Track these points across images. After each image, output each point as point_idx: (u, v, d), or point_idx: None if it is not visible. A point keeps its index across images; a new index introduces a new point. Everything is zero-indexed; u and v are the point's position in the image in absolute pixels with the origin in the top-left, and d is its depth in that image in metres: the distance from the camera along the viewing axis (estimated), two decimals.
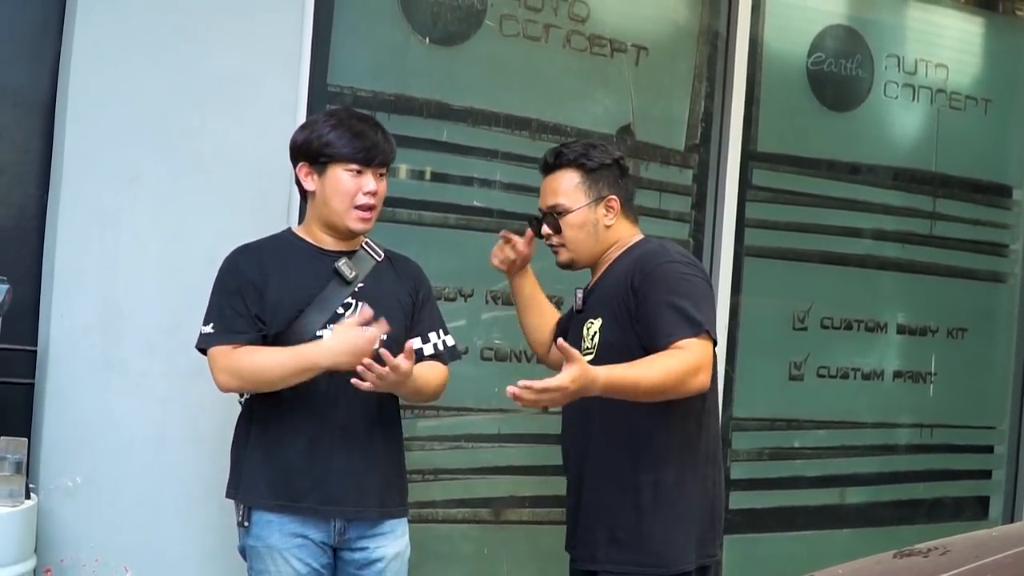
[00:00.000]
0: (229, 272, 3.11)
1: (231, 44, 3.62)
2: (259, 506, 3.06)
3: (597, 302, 3.24)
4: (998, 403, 5.38)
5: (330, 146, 3.05)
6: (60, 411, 3.43)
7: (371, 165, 3.08)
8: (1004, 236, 5.37)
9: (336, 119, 3.13)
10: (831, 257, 4.91)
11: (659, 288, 3.07)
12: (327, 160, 3.06)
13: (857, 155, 4.98)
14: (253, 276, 3.06)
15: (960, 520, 5.20)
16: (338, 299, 3.08)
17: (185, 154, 3.57)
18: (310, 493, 3.05)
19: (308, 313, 3.05)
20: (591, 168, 3.26)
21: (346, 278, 3.10)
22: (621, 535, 3.13)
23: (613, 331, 3.15)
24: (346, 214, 3.08)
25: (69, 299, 3.45)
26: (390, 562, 3.15)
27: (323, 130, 3.08)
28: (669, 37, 4.58)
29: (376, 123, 3.16)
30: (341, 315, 3.05)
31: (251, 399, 3.12)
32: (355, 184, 3.06)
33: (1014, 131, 5.34)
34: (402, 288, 3.21)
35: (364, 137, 3.08)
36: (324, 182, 3.08)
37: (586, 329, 3.22)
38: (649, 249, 3.22)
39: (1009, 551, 2.94)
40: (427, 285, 3.31)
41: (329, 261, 3.12)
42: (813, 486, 4.95)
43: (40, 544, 3.28)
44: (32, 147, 3.54)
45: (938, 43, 5.14)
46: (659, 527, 3.12)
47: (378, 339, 2.94)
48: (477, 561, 4.24)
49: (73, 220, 3.45)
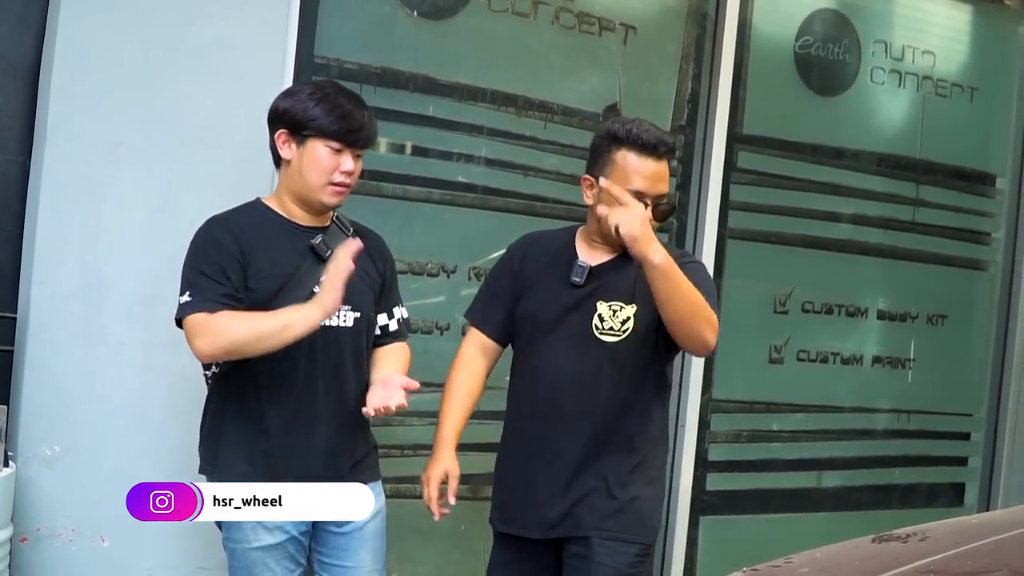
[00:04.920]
0: (208, 243, 3.05)
1: (218, 14, 3.59)
2: (240, 480, 3.03)
3: (617, 284, 3.24)
4: (976, 391, 5.41)
5: (315, 120, 3.02)
6: (40, 379, 3.41)
7: (353, 146, 3.06)
8: (986, 224, 5.38)
9: (322, 93, 3.08)
10: (814, 241, 4.92)
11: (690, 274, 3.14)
12: (309, 133, 3.03)
13: (842, 140, 4.98)
14: (232, 248, 3.01)
15: (936, 506, 5.23)
16: (314, 278, 3.05)
17: (169, 123, 3.54)
18: (289, 470, 3.04)
19: (286, 292, 3.02)
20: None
21: (322, 256, 3.07)
22: (624, 507, 3.23)
23: (647, 323, 3.20)
24: (321, 190, 3.05)
25: (50, 266, 3.43)
26: (375, 517, 3.19)
27: (308, 103, 3.03)
28: (658, 17, 4.56)
29: (361, 102, 3.12)
30: (316, 293, 3.02)
31: (225, 376, 3.09)
32: (333, 161, 3.03)
33: (999, 119, 5.35)
34: (371, 264, 3.20)
35: (351, 118, 3.04)
36: (302, 153, 3.04)
37: (609, 310, 3.23)
38: (672, 248, 3.34)
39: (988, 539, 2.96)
40: (392, 260, 3.32)
41: (305, 238, 3.09)
42: (790, 469, 4.97)
43: (17, 512, 3.27)
44: (15, 112, 3.51)
45: (925, 30, 5.14)
46: (651, 502, 3.32)
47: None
48: (454, 536, 4.25)
49: (55, 187, 3.43)
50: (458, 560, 4.29)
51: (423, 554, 3.52)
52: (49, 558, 3.37)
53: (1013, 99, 5.36)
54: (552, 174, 4.34)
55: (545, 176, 4.33)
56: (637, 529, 3.26)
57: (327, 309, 2.94)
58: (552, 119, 4.33)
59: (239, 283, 3.00)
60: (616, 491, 3.24)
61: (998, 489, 5.33)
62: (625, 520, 3.24)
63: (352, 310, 3.11)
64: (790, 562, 2.91)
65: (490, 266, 4.17)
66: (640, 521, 3.27)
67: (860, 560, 2.96)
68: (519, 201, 4.28)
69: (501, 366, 3.43)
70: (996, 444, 5.37)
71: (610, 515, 3.23)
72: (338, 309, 2.99)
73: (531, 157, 4.30)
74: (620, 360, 3.23)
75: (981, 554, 2.84)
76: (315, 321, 2.93)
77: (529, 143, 4.29)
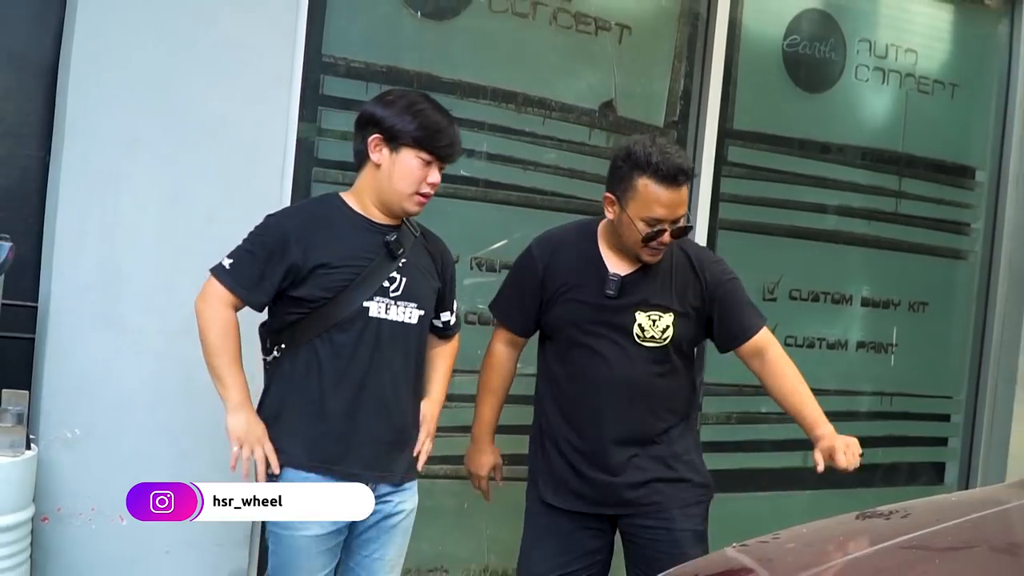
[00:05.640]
0: (270, 229, 3.06)
1: (230, 15, 3.58)
2: (294, 464, 3.05)
3: (653, 294, 3.33)
4: (956, 374, 5.41)
5: (413, 134, 3.03)
6: (60, 365, 3.42)
7: (443, 161, 3.10)
8: (966, 215, 5.37)
9: (420, 107, 3.08)
10: (801, 232, 4.91)
11: (732, 290, 3.42)
12: (404, 143, 3.04)
13: (828, 135, 4.97)
14: (291, 245, 3.01)
15: (917, 484, 5.24)
16: (384, 273, 3.08)
17: (183, 120, 3.53)
18: (346, 457, 3.05)
19: (358, 286, 3.04)
20: None
21: (394, 253, 3.09)
22: (685, 475, 3.43)
23: (685, 329, 3.36)
24: (408, 198, 3.07)
25: (69, 258, 3.43)
26: (407, 516, 3.22)
27: (407, 115, 3.04)
28: (651, 17, 4.55)
29: (452, 118, 3.14)
30: (386, 288, 3.06)
31: (285, 361, 3.09)
32: (423, 173, 3.05)
33: (978, 115, 5.34)
34: (434, 265, 3.23)
35: (446, 135, 3.07)
36: (394, 161, 3.04)
37: (649, 319, 3.31)
38: (696, 249, 3.48)
39: (968, 516, 2.96)
40: (452, 262, 3.36)
41: (379, 235, 3.09)
42: (777, 449, 4.97)
43: (38, 493, 3.27)
44: (35, 110, 3.50)
45: (908, 29, 5.13)
46: (701, 460, 3.53)
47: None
48: (458, 515, 4.26)
49: (74, 182, 3.42)
50: (458, 538, 4.29)
51: (426, 531, 3.53)
52: (69, 536, 3.38)
53: (992, 95, 5.35)
54: (551, 168, 4.34)
55: (544, 170, 4.33)
56: (701, 491, 3.45)
57: (231, 424, 3.01)
58: (550, 115, 4.32)
59: (280, 272, 3.00)
60: (676, 464, 3.40)
61: (977, 468, 5.34)
62: (689, 486, 3.41)
63: (417, 308, 3.13)
64: (777, 538, 2.91)
65: (492, 256, 4.19)
66: (701, 483, 3.46)
67: (844, 536, 2.97)
68: (519, 194, 4.28)
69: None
70: (975, 425, 5.37)
71: (674, 482, 3.39)
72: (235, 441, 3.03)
73: (530, 152, 4.30)
74: (663, 361, 3.36)
75: (961, 531, 2.84)
76: (227, 407, 3.01)
77: (528, 138, 4.29)
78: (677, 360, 3.39)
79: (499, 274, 4.23)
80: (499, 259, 4.24)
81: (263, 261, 2.99)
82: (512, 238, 4.24)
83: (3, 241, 3.16)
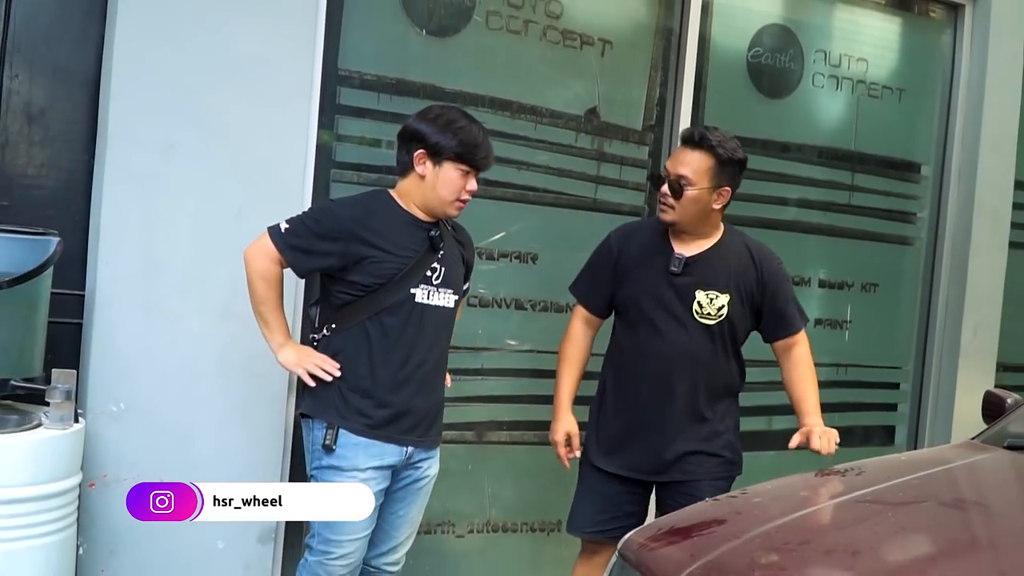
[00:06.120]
0: (331, 214, 3.11)
1: (254, 32, 3.56)
2: (348, 428, 3.06)
3: (713, 276, 3.36)
4: (904, 347, 5.38)
5: (455, 149, 3.08)
6: (105, 346, 3.39)
7: (480, 170, 3.15)
8: (912, 206, 5.34)
9: (460, 124, 3.11)
10: (764, 222, 4.86)
11: (784, 286, 3.48)
12: (446, 157, 3.08)
13: (788, 136, 4.93)
14: (346, 233, 3.04)
15: (870, 445, 5.21)
16: (428, 263, 3.13)
17: (214, 127, 3.51)
18: (392, 423, 3.08)
19: (407, 274, 3.08)
20: (723, 159, 3.31)
21: (436, 247, 3.14)
22: (720, 450, 3.47)
23: (738, 311, 3.38)
24: (449, 205, 3.13)
25: (112, 251, 3.41)
26: (431, 480, 3.28)
27: (447, 132, 3.08)
28: (630, 33, 4.52)
29: (485, 131, 3.18)
30: (429, 277, 3.11)
31: (335, 339, 3.11)
32: (463, 182, 3.11)
33: (924, 116, 5.31)
34: (463, 253, 3.30)
35: (482, 148, 3.12)
36: (438, 173, 3.09)
37: (707, 298, 3.34)
38: (757, 244, 3.50)
39: (916, 474, 2.94)
40: (474, 251, 3.43)
41: (424, 231, 3.14)
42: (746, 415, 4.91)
43: (86, 462, 3.25)
44: (80, 118, 3.48)
45: (860, 40, 5.08)
46: (737, 439, 3.56)
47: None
48: (462, 476, 4.24)
49: (116, 182, 3.40)
50: (463, 496, 4.27)
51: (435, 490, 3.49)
52: (114, 501, 3.35)
53: (936, 99, 5.31)
54: (542, 168, 4.31)
55: (536, 170, 4.30)
56: (731, 467, 3.49)
57: (285, 362, 3.11)
58: (541, 121, 4.29)
59: (325, 252, 3.04)
60: (717, 440, 3.43)
61: (924, 431, 5.31)
62: (722, 462, 3.45)
63: (453, 293, 3.20)
64: (745, 493, 2.91)
65: (491, 247, 4.18)
66: (732, 459, 3.49)
67: (805, 491, 2.95)
68: (514, 191, 4.25)
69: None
70: (922, 392, 5.35)
71: (712, 456, 3.42)
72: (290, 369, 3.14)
73: (524, 153, 4.27)
74: (716, 337, 3.37)
75: (910, 486, 2.83)
76: (273, 348, 3.12)
77: (522, 142, 4.26)
78: (729, 342, 3.40)
79: (498, 262, 4.21)
80: (498, 249, 4.22)
81: (314, 237, 3.03)
82: (509, 230, 4.24)
83: (53, 236, 3.15)
